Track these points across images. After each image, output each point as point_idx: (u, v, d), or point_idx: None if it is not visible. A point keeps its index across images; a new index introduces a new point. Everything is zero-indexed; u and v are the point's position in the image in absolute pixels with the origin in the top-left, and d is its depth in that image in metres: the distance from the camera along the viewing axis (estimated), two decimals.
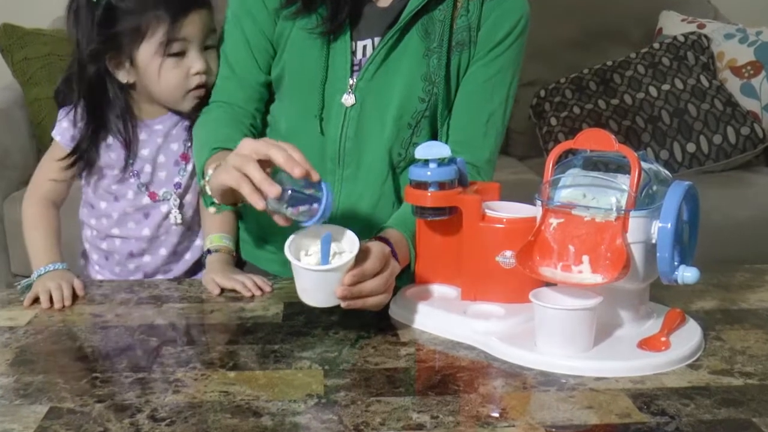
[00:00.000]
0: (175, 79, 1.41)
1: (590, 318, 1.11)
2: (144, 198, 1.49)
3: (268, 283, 1.39)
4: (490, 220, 1.24)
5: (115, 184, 1.50)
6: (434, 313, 1.23)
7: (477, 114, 1.43)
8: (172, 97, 1.43)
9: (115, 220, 1.50)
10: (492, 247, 1.23)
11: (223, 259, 1.45)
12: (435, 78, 1.39)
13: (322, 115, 1.40)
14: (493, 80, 1.41)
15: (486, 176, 1.44)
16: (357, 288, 1.15)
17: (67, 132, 1.47)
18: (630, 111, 2.88)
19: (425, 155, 1.24)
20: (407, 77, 1.39)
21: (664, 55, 2.97)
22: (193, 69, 1.42)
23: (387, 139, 1.42)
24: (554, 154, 1.18)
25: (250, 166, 1.11)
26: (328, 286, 1.14)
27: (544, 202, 1.17)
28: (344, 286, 1.13)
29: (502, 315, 1.22)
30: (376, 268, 1.16)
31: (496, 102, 1.43)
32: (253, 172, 1.11)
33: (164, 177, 1.50)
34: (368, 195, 1.44)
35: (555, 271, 1.15)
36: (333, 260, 1.14)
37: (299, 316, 1.28)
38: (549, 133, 2.94)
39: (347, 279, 1.13)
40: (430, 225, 1.31)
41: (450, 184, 1.25)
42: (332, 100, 1.40)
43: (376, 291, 1.17)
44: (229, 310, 1.31)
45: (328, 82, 1.39)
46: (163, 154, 1.49)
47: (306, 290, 1.16)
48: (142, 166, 1.49)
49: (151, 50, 1.40)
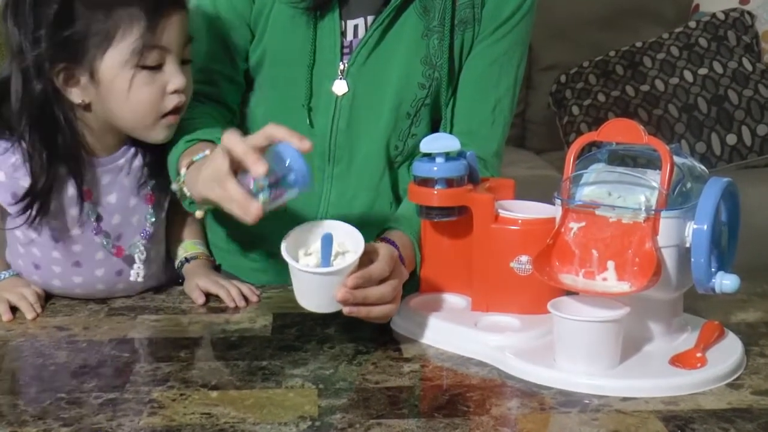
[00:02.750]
0: (149, 97, 1.25)
1: (616, 331, 1.12)
2: (110, 257, 1.36)
3: (256, 291, 1.40)
4: (503, 222, 1.25)
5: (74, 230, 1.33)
6: (441, 326, 1.24)
7: (483, 101, 1.43)
8: (141, 121, 1.27)
9: (57, 273, 1.36)
10: (506, 252, 1.23)
11: (205, 264, 1.45)
12: (436, 61, 1.39)
13: (311, 105, 1.40)
14: (499, 62, 1.42)
15: (494, 171, 1.45)
16: (361, 293, 1.14)
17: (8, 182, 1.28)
18: (662, 98, 2.89)
19: (431, 149, 1.25)
20: (405, 61, 1.39)
21: (701, 35, 2.98)
22: (170, 85, 1.26)
23: (383, 131, 1.42)
24: (576, 147, 1.18)
25: (228, 185, 1.09)
26: (329, 290, 1.14)
27: (565, 201, 1.17)
28: (346, 289, 1.13)
29: (517, 327, 1.23)
30: (384, 272, 1.16)
31: (503, 87, 1.43)
32: (231, 191, 1.09)
33: (136, 223, 1.38)
34: (362, 194, 1.44)
35: (576, 278, 1.15)
36: (335, 262, 1.15)
37: (290, 329, 1.28)
38: (570, 124, 2.95)
39: (350, 281, 1.12)
40: (436, 227, 1.31)
41: (459, 180, 1.26)
42: (320, 87, 1.40)
43: (383, 299, 1.16)
44: (212, 322, 1.32)
45: (316, 67, 1.39)
46: (127, 196, 1.36)
47: (304, 294, 1.16)
48: (109, 218, 1.35)
49: (119, 59, 1.22)
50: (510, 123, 1.47)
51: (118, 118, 1.28)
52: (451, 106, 1.42)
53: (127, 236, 1.38)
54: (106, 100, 1.26)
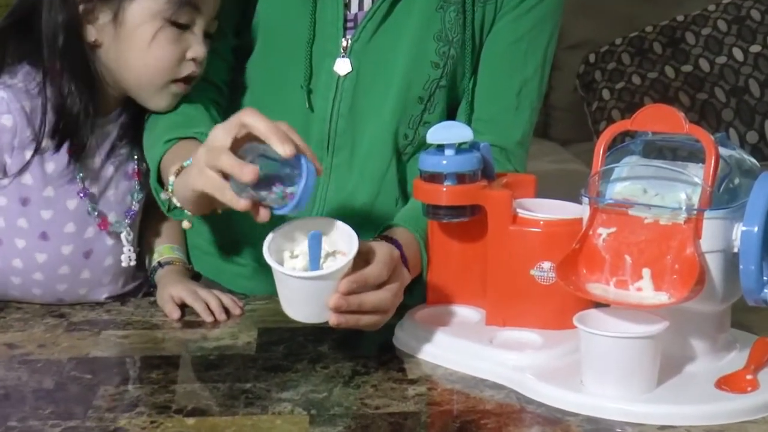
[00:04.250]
0: (169, 55, 1.33)
1: (653, 349, 1.12)
2: (90, 227, 1.41)
3: (239, 303, 1.40)
4: (522, 223, 1.25)
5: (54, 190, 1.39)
6: (451, 342, 1.24)
7: (506, 83, 1.43)
8: (151, 80, 1.34)
9: (20, 250, 1.38)
10: (525, 258, 1.24)
11: (180, 271, 1.46)
12: (452, 36, 1.40)
13: (310, 86, 1.41)
14: (525, 40, 1.42)
15: (517, 163, 1.45)
16: (356, 299, 1.14)
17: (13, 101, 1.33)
18: (707, 80, 2.89)
19: (440, 139, 1.25)
20: (416, 37, 1.40)
21: (753, 6, 2.98)
22: (192, 51, 1.34)
23: (390, 117, 1.42)
24: (606, 137, 1.19)
25: (222, 157, 1.13)
26: (318, 297, 1.14)
27: (593, 199, 1.17)
28: (338, 294, 1.13)
29: (538, 345, 1.23)
30: (381, 276, 1.17)
31: (530, 68, 1.44)
32: (224, 162, 1.12)
33: (113, 201, 1.43)
34: (365, 189, 1.45)
35: (607, 288, 1.15)
36: (325, 264, 1.15)
37: (278, 346, 1.28)
38: (600, 111, 2.96)
39: (343, 285, 1.13)
40: (445, 229, 1.31)
41: (471, 176, 1.26)
42: (320, 67, 1.41)
43: (380, 306, 1.17)
44: (188, 338, 1.32)
45: (316, 43, 1.39)
46: (111, 165, 1.43)
47: (291, 302, 1.17)
48: (91, 184, 1.41)
49: (153, 6, 1.31)
50: (538, 109, 1.48)
51: (128, 69, 1.34)
52: (470, 90, 1.43)
53: (108, 212, 1.42)
54: (124, 47, 1.33)
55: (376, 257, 1.17)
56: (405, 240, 1.29)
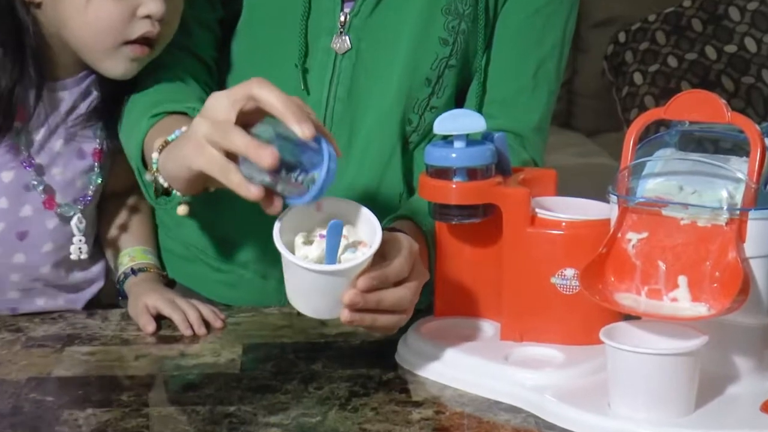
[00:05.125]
0: (110, 15, 1.31)
1: (690, 367, 1.12)
2: (27, 205, 1.41)
3: (220, 315, 1.40)
4: (542, 224, 1.25)
5: None
6: (461, 359, 1.24)
7: (522, 62, 1.44)
8: (95, 43, 1.33)
9: None
10: (545, 264, 1.24)
11: (156, 279, 1.46)
12: (463, 9, 1.41)
13: (306, 66, 1.41)
14: (543, 13, 1.43)
15: (533, 151, 1.46)
16: (374, 296, 1.15)
17: None
18: (753, 62, 2.89)
19: (448, 129, 1.25)
20: (423, 10, 1.41)
21: None
22: (143, 8, 1.31)
23: (394, 101, 1.43)
24: (637, 126, 1.19)
25: (233, 134, 1.11)
26: (332, 291, 1.14)
27: (622, 197, 1.17)
28: (356, 291, 1.13)
29: (560, 362, 1.23)
30: (402, 272, 1.17)
31: (547, 45, 1.45)
32: (238, 141, 1.10)
33: (61, 179, 1.43)
34: (364, 182, 1.46)
35: (638, 298, 1.15)
36: (343, 256, 1.15)
37: (265, 364, 1.28)
38: (631, 97, 2.96)
39: (362, 282, 1.13)
40: (455, 231, 1.31)
41: (484, 171, 1.26)
42: (315, 44, 1.42)
43: (399, 305, 1.17)
44: (164, 356, 1.32)
45: (312, 17, 1.40)
46: (60, 138, 1.42)
47: (299, 293, 1.17)
48: (39, 157, 1.41)
49: None
50: (556, 91, 1.49)
51: (68, 30, 1.33)
52: (482, 69, 1.44)
53: (58, 192, 1.41)
54: (61, 6, 1.32)
55: (398, 251, 1.17)
56: (411, 234, 1.28)
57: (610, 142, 2.91)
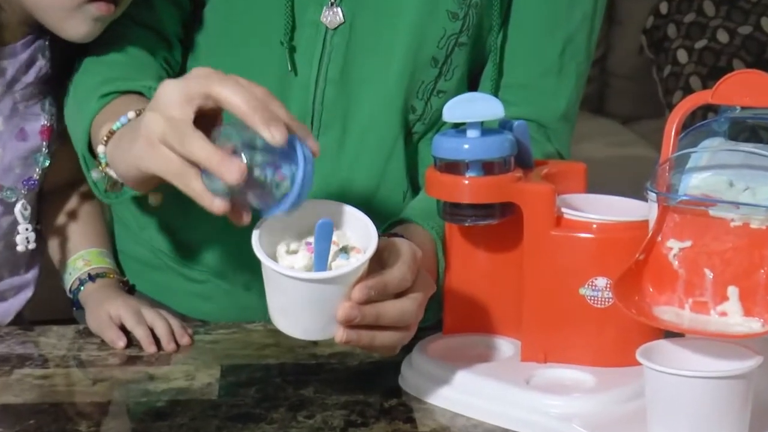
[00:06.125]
0: None
1: (742, 392, 1.10)
2: None
3: (188, 330, 1.40)
4: (569, 226, 1.24)
5: None
6: (475, 383, 1.23)
7: (545, 38, 1.44)
8: (57, 2, 1.33)
9: None
10: (573, 272, 1.23)
11: (116, 286, 1.46)
12: None
13: (293, 42, 1.40)
14: None
15: (560, 143, 1.46)
16: (373, 310, 1.13)
17: None
18: None
19: (460, 116, 1.24)
20: None
21: None
22: None
23: (395, 84, 1.43)
24: (681, 112, 1.18)
25: (192, 142, 1.09)
26: (323, 305, 1.13)
27: (663, 195, 1.16)
28: (351, 303, 1.12)
29: (590, 386, 1.22)
30: (405, 281, 1.16)
31: (576, 18, 1.44)
32: (198, 151, 1.09)
33: (14, 160, 1.43)
34: (361, 179, 1.45)
35: (681, 312, 1.14)
36: (334, 263, 1.14)
37: (247, 389, 1.27)
38: (674, 77, 2.96)
39: (358, 292, 1.11)
40: (468, 235, 1.31)
41: (502, 164, 1.25)
42: (302, 17, 1.41)
43: (403, 320, 1.16)
44: (129, 379, 1.31)
45: None
46: (2, 116, 1.43)
47: (285, 311, 1.15)
48: None
49: None
50: (586, 72, 1.49)
51: None
52: (498, 48, 1.44)
53: None
54: None
55: (399, 257, 1.16)
56: (417, 240, 1.27)
57: (648, 130, 2.92)
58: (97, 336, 1.41)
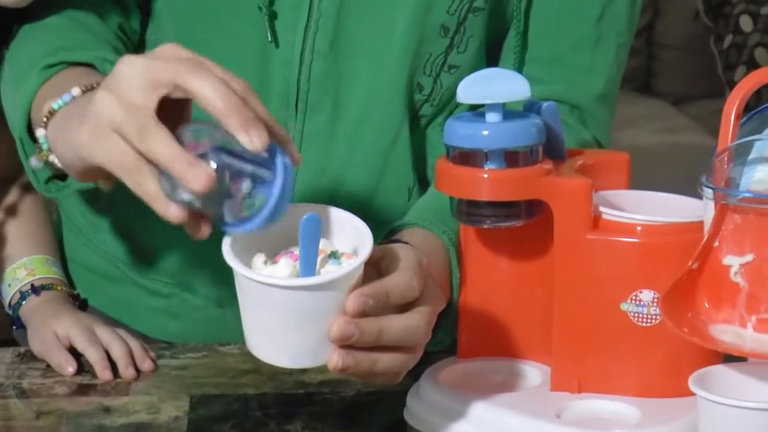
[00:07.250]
0: None
1: None
2: None
3: (150, 354, 1.40)
4: (608, 229, 1.22)
5: None
6: (496, 417, 1.21)
7: (579, 6, 1.43)
8: None
9: None
10: (613, 284, 1.21)
11: (65, 299, 1.46)
12: None
13: (273, 7, 1.40)
14: None
15: (597, 129, 1.46)
16: (373, 324, 1.10)
17: None
18: None
19: (478, 97, 1.22)
20: None
21: None
22: None
23: (397, 58, 1.43)
24: (743, 91, 1.16)
25: (153, 137, 1.06)
26: (313, 321, 1.10)
27: (721, 191, 1.14)
28: (346, 318, 1.08)
29: (633, 420, 1.21)
30: (410, 289, 1.13)
31: None
32: (160, 149, 1.06)
33: None
34: (358, 172, 1.46)
35: (742, 332, 1.13)
36: (324, 269, 1.12)
37: (222, 424, 1.27)
38: (736, 49, 2.95)
39: (353, 301, 1.08)
40: (487, 238, 1.30)
41: (528, 155, 1.23)
42: None
43: (409, 338, 1.13)
44: (80, 412, 1.30)
45: None
46: None
47: (267, 332, 1.12)
48: None
49: None
50: (629, 43, 1.49)
51: None
52: (522, 14, 1.43)
53: None
54: None
55: (400, 263, 1.14)
56: (426, 248, 1.27)
57: (704, 113, 2.93)
58: (42, 360, 1.40)
